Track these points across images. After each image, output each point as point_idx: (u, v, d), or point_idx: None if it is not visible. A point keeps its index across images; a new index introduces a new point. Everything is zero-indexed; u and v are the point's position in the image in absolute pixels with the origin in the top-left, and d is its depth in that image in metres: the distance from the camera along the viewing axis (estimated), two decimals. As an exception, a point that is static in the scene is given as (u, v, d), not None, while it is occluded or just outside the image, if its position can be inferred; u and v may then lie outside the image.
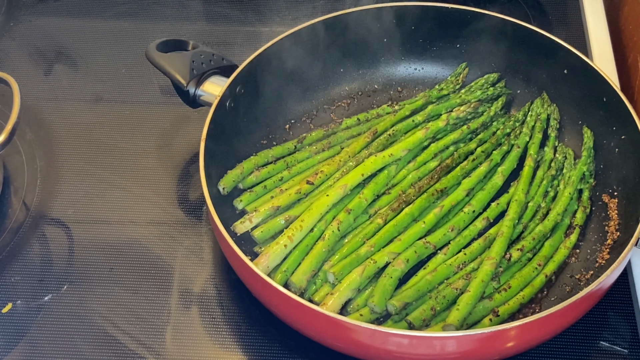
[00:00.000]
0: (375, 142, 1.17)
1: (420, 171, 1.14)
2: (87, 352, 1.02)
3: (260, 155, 1.16)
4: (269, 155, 1.16)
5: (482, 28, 1.25)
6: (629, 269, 1.08)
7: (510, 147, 1.18)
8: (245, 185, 1.13)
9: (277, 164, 1.15)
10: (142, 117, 1.30)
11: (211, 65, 1.18)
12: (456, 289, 1.01)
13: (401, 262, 1.02)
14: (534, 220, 1.10)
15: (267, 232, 1.06)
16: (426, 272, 1.03)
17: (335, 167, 1.13)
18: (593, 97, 1.17)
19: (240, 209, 1.10)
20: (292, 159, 1.16)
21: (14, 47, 1.43)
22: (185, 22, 1.47)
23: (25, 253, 1.12)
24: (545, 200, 1.12)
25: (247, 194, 1.11)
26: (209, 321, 1.05)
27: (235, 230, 1.07)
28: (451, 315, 0.97)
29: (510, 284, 1.02)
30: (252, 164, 1.14)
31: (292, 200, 1.10)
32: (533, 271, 1.04)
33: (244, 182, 1.13)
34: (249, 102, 1.18)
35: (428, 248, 1.05)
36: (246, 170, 1.13)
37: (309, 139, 1.19)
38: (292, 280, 1.02)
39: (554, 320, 0.92)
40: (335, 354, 0.98)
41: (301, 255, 1.04)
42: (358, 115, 1.23)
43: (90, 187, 1.20)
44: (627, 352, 1.02)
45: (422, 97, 1.25)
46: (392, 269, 1.02)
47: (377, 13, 1.25)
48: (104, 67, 1.39)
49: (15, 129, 1.07)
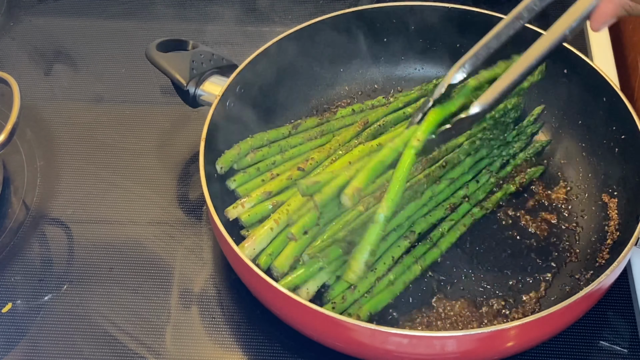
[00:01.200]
0: (365, 132, 1.19)
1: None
2: (87, 352, 1.02)
3: (256, 137, 1.16)
4: (264, 138, 1.17)
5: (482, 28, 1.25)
6: (629, 268, 1.08)
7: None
8: (241, 166, 1.14)
9: (272, 148, 1.16)
10: (142, 117, 1.30)
11: (211, 65, 1.18)
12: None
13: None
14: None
15: (254, 216, 1.08)
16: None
17: (325, 154, 1.15)
18: (593, 97, 1.17)
19: (233, 188, 1.11)
20: (285, 143, 1.17)
21: (14, 47, 1.43)
22: (185, 22, 1.47)
23: (25, 253, 1.12)
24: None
25: (241, 174, 1.12)
26: (209, 321, 1.05)
27: (227, 215, 1.07)
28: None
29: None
30: (249, 145, 1.15)
31: (283, 186, 1.11)
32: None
33: (239, 162, 1.14)
34: (249, 102, 1.18)
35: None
36: (243, 151, 1.14)
37: (304, 125, 1.20)
38: (274, 265, 1.03)
39: (553, 320, 0.93)
40: (335, 354, 0.98)
41: (286, 239, 1.05)
42: (353, 106, 1.24)
43: (90, 187, 1.20)
44: (627, 352, 1.02)
45: (417, 90, 1.26)
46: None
47: (377, 13, 1.25)
48: (104, 67, 1.39)
49: (15, 129, 1.07)
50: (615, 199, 1.11)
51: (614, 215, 1.10)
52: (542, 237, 1.11)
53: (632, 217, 1.03)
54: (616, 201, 1.11)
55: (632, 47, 1.34)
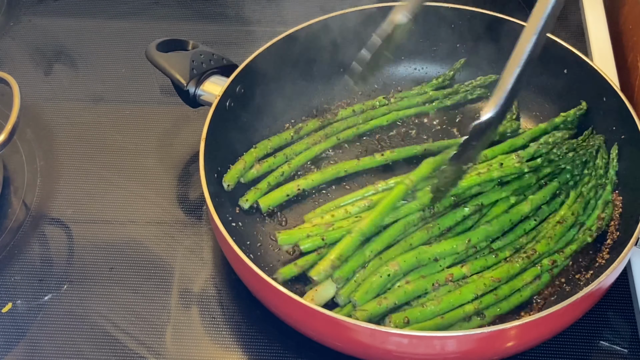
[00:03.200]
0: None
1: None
2: (87, 352, 1.02)
3: (259, 147, 1.16)
4: (267, 146, 1.17)
5: (482, 28, 1.25)
6: (629, 268, 1.08)
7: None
8: (247, 179, 1.14)
9: (277, 157, 1.16)
10: (142, 117, 1.30)
11: (211, 65, 1.18)
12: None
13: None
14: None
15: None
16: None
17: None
18: (593, 97, 1.17)
19: (247, 208, 1.11)
20: (290, 151, 1.17)
21: (14, 47, 1.43)
22: (185, 22, 1.47)
23: (25, 253, 1.12)
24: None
25: (253, 191, 1.12)
26: (209, 321, 1.05)
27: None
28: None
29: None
30: (253, 157, 1.15)
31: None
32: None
33: (245, 176, 1.13)
34: (249, 102, 1.18)
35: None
36: (248, 164, 1.14)
37: (305, 129, 1.20)
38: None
39: (553, 320, 0.93)
40: (335, 354, 0.98)
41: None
42: (353, 107, 1.24)
43: (90, 186, 1.20)
44: (627, 352, 1.02)
45: (417, 90, 1.27)
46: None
47: (377, 13, 1.24)
48: (104, 67, 1.39)
49: (15, 129, 1.07)
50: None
51: (614, 215, 1.10)
52: (542, 237, 1.11)
53: (632, 217, 1.03)
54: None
55: (632, 47, 1.34)
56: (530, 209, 1.08)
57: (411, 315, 0.97)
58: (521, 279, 1.02)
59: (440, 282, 1.01)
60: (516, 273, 1.02)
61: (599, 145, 1.14)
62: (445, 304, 0.98)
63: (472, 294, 0.99)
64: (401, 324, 0.96)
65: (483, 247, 1.05)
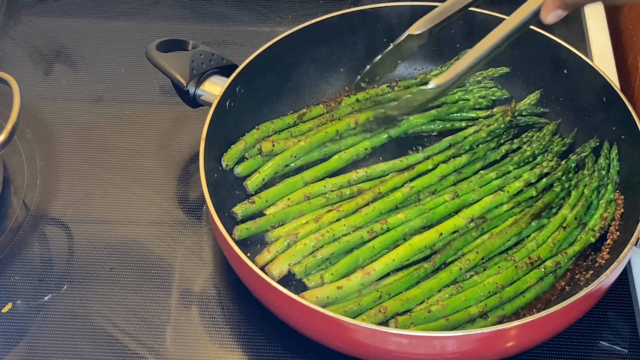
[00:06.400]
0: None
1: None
2: (87, 352, 1.02)
3: (261, 129, 1.17)
4: (269, 129, 1.17)
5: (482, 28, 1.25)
6: (629, 269, 1.08)
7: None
8: (251, 154, 1.15)
9: (281, 134, 1.17)
10: (142, 117, 1.30)
11: (211, 65, 1.18)
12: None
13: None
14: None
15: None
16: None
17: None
18: (593, 97, 1.17)
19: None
20: (296, 130, 1.18)
21: (14, 47, 1.43)
22: (185, 22, 1.47)
23: (25, 253, 1.12)
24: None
25: (256, 175, 1.13)
26: (209, 321, 1.05)
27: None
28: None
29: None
30: (254, 138, 1.15)
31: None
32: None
33: (250, 151, 1.15)
34: (249, 102, 1.18)
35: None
36: (249, 145, 1.14)
37: (309, 114, 1.21)
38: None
39: (553, 320, 0.93)
40: (335, 354, 0.98)
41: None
42: (357, 95, 1.24)
43: (90, 187, 1.20)
44: (627, 352, 1.02)
45: (420, 77, 1.27)
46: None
47: (377, 13, 1.25)
48: (104, 67, 1.39)
49: (15, 129, 1.07)
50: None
51: (614, 215, 1.10)
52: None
53: (632, 217, 1.03)
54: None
55: (632, 47, 1.34)
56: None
57: (416, 319, 0.97)
58: (525, 281, 1.02)
59: (376, 230, 1.05)
60: (520, 276, 1.02)
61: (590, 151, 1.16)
62: (450, 308, 0.98)
63: (476, 298, 0.99)
64: (407, 326, 0.96)
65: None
